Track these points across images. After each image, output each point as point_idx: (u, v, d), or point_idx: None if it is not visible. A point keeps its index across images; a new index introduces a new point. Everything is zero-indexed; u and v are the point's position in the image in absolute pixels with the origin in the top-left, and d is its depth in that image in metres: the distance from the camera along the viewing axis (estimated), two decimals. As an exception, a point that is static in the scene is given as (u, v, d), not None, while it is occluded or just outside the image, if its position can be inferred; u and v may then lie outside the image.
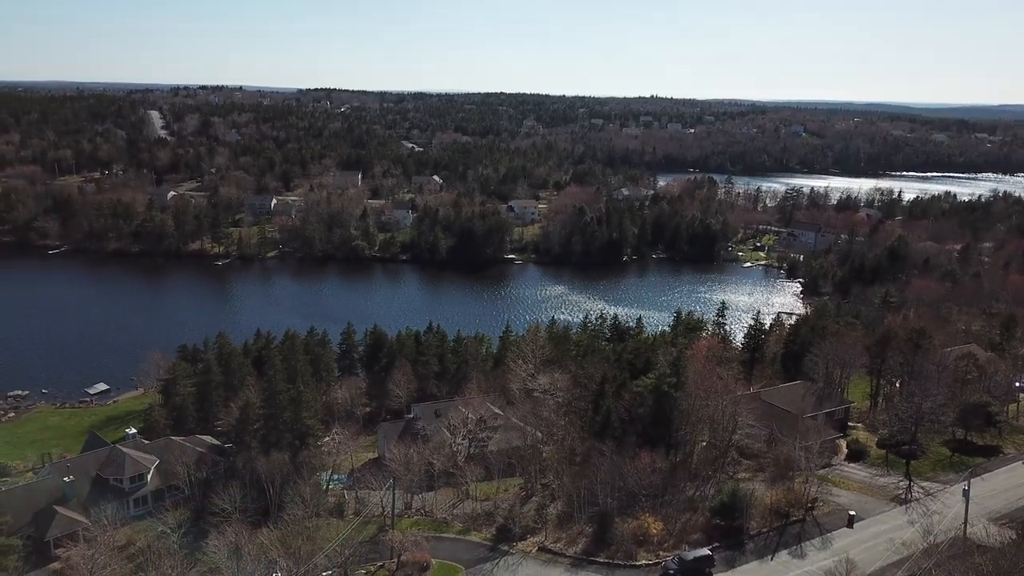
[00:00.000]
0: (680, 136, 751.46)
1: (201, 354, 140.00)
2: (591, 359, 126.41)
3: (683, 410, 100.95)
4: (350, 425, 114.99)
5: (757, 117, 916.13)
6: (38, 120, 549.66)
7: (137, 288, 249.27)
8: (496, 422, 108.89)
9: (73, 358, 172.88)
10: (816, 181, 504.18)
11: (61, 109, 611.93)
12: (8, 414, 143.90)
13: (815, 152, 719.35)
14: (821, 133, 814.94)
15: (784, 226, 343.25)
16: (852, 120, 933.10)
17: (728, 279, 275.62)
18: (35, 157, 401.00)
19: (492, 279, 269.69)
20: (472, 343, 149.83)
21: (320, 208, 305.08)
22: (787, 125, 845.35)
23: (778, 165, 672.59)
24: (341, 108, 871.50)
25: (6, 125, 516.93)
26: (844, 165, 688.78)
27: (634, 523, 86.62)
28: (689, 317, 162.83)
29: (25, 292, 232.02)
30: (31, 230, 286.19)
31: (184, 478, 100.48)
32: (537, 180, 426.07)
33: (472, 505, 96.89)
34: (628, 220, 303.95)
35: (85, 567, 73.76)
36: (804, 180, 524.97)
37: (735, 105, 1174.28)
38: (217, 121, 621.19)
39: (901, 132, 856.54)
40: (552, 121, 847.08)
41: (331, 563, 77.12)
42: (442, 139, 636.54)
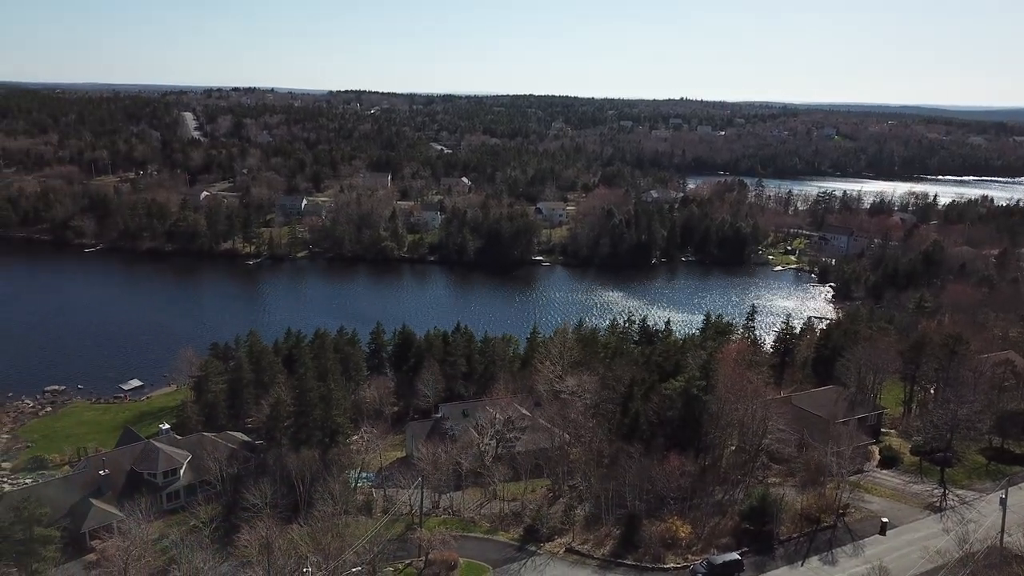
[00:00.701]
0: (710, 139, 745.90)
1: (233, 352, 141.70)
2: (619, 361, 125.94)
3: (712, 413, 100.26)
4: (379, 424, 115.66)
5: (789, 120, 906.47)
6: (75, 121, 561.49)
7: (170, 287, 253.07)
8: (523, 423, 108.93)
9: (108, 355, 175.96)
10: (849, 184, 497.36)
11: (98, 110, 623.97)
12: (45, 408, 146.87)
13: (848, 155, 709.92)
14: (854, 136, 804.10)
15: (816, 230, 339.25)
16: (886, 123, 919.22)
17: (758, 283, 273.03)
18: (72, 157, 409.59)
19: (519, 280, 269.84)
20: (499, 344, 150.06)
21: (350, 209, 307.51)
22: (819, 128, 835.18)
23: (810, 168, 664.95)
24: (371, 110, 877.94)
25: (45, 126, 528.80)
26: (878, 168, 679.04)
27: (662, 526, 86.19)
28: (719, 320, 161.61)
29: (62, 290, 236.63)
30: (68, 229, 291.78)
31: (216, 474, 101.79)
32: (565, 182, 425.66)
33: (499, 505, 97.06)
34: (657, 222, 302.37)
35: (119, 559, 75.01)
36: (836, 183, 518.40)
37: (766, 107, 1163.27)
38: (249, 122, 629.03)
39: (937, 135, 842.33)
40: (581, 123, 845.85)
41: (360, 560, 77.64)
42: (471, 141, 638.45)
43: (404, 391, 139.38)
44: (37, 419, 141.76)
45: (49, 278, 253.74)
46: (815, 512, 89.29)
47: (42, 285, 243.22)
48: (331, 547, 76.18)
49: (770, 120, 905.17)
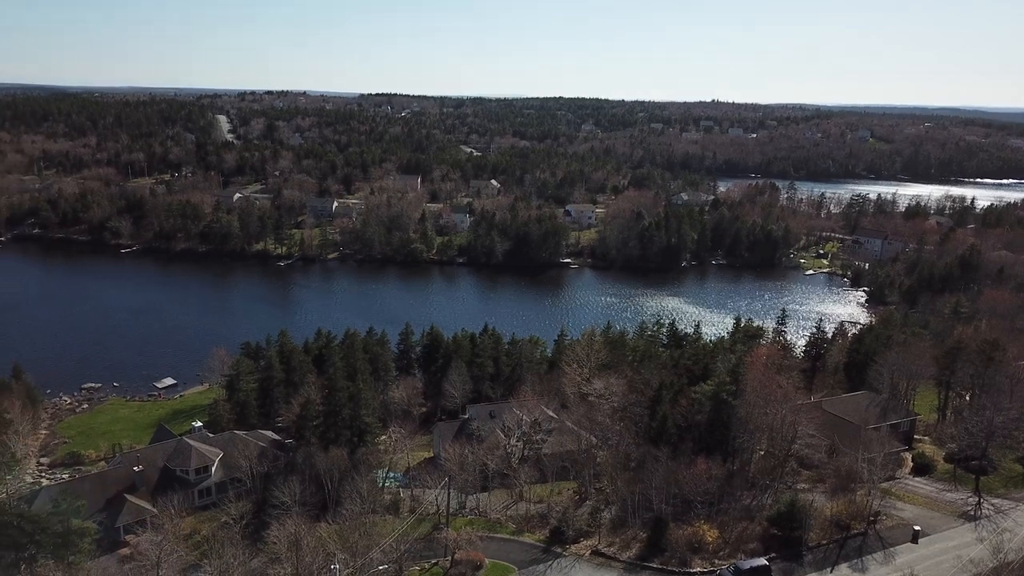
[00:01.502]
0: (741, 141, 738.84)
1: (264, 351, 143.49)
2: (648, 364, 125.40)
3: (741, 418, 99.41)
4: (407, 424, 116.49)
5: (822, 122, 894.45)
6: (113, 124, 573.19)
7: (203, 287, 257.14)
8: (550, 425, 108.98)
9: (143, 353, 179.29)
10: (883, 187, 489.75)
11: (135, 113, 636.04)
12: (82, 405, 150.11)
13: (883, 158, 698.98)
14: (889, 138, 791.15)
15: (849, 233, 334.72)
16: (922, 125, 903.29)
17: (789, 286, 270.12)
18: (110, 159, 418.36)
19: (548, 283, 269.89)
20: (527, 346, 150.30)
21: (380, 211, 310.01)
22: (853, 130, 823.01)
23: (843, 171, 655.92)
24: (402, 112, 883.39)
25: (84, 129, 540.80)
26: (913, 171, 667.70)
27: (689, 530, 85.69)
28: (748, 324, 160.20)
29: (99, 290, 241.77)
30: (105, 229, 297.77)
31: (246, 471, 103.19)
32: (595, 184, 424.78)
33: (526, 507, 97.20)
34: (687, 225, 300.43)
35: (152, 553, 76.40)
36: (871, 186, 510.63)
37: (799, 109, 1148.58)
38: (281, 125, 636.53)
39: (975, 137, 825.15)
40: (611, 125, 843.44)
41: (387, 558, 78.23)
42: (500, 143, 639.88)
43: (432, 392, 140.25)
44: (74, 416, 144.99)
45: (87, 278, 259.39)
46: (845, 519, 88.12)
47: (80, 285, 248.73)
48: (358, 545, 76.94)
49: (803, 122, 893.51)
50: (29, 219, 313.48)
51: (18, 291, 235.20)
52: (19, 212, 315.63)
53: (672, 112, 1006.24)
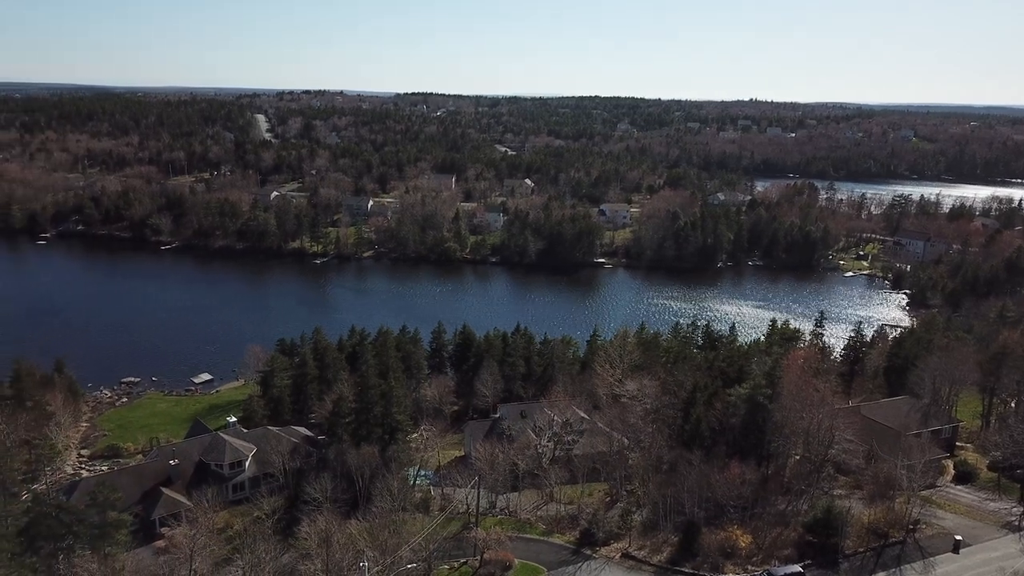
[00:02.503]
0: (780, 140, 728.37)
1: (298, 348, 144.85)
2: (681, 366, 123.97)
3: (777, 421, 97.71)
4: (438, 422, 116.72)
5: (863, 121, 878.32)
6: (155, 123, 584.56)
7: (240, 284, 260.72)
8: (582, 426, 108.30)
9: (180, 349, 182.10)
10: (926, 188, 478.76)
11: (176, 113, 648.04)
12: (121, 399, 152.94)
13: (926, 158, 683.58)
14: (933, 138, 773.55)
15: (890, 235, 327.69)
16: (968, 124, 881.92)
17: (828, 288, 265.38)
18: (151, 158, 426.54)
19: (581, 282, 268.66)
20: (559, 346, 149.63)
21: (415, 210, 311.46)
22: (896, 129, 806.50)
23: (885, 171, 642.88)
24: (437, 112, 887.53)
25: (127, 128, 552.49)
26: (958, 171, 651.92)
27: (722, 535, 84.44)
28: (785, 326, 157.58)
29: (140, 286, 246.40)
30: (146, 227, 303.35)
31: (279, 467, 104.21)
32: (630, 184, 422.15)
33: (556, 508, 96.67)
34: (723, 226, 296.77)
35: (186, 546, 77.40)
36: (913, 187, 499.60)
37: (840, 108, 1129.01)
38: (319, 124, 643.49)
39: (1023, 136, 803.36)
40: (647, 125, 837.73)
41: (416, 556, 78.31)
42: (535, 143, 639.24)
43: (463, 390, 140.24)
44: (114, 409, 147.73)
45: (128, 274, 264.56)
46: (883, 527, 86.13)
47: (121, 281, 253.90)
48: (388, 543, 77.12)
49: (844, 121, 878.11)
50: (73, 216, 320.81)
51: (62, 287, 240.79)
52: (64, 209, 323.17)
53: (709, 111, 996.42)
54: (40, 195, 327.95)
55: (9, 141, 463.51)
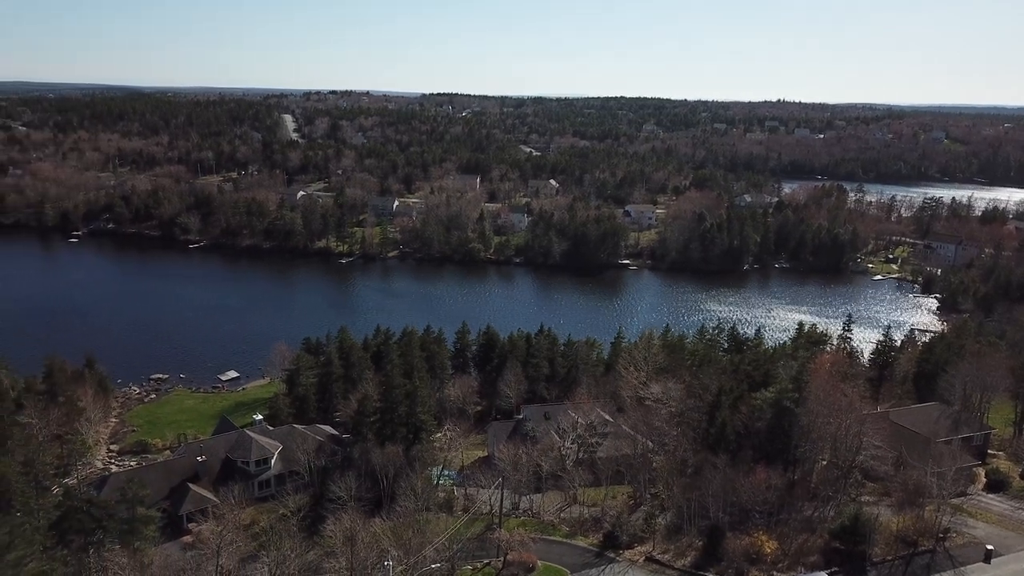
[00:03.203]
0: (808, 141, 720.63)
1: (324, 347, 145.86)
2: (707, 369, 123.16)
3: (803, 426, 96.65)
4: (461, 422, 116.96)
5: (894, 122, 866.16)
6: (184, 123, 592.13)
7: (267, 282, 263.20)
8: (606, 428, 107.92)
9: (208, 346, 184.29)
10: (958, 191, 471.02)
11: (205, 113, 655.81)
12: (150, 395, 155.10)
13: (958, 160, 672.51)
14: (965, 139, 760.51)
15: (920, 238, 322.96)
16: (1002, 125, 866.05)
17: (856, 292, 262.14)
18: (181, 157, 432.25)
19: (605, 284, 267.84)
20: (583, 347, 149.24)
21: (439, 210, 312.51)
22: (927, 130, 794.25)
23: (915, 173, 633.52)
24: (462, 112, 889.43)
25: (157, 128, 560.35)
26: (991, 174, 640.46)
27: (747, 540, 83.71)
28: (812, 330, 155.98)
29: (168, 283, 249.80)
30: (175, 225, 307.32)
31: (304, 465, 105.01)
32: (655, 185, 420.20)
33: (579, 510, 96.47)
34: (750, 227, 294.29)
35: (213, 542, 78.33)
36: (945, 190, 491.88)
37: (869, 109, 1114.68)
38: (345, 124, 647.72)
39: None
40: (672, 125, 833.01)
41: (439, 556, 78.48)
42: (560, 143, 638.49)
43: (487, 391, 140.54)
44: (142, 405, 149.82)
45: (157, 272, 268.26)
46: (912, 535, 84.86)
47: (150, 279, 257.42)
48: (412, 542, 77.39)
49: (873, 123, 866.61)
50: (104, 215, 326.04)
51: (92, 284, 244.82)
52: (95, 208, 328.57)
53: (736, 112, 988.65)
54: (72, 194, 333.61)
55: (43, 140, 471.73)
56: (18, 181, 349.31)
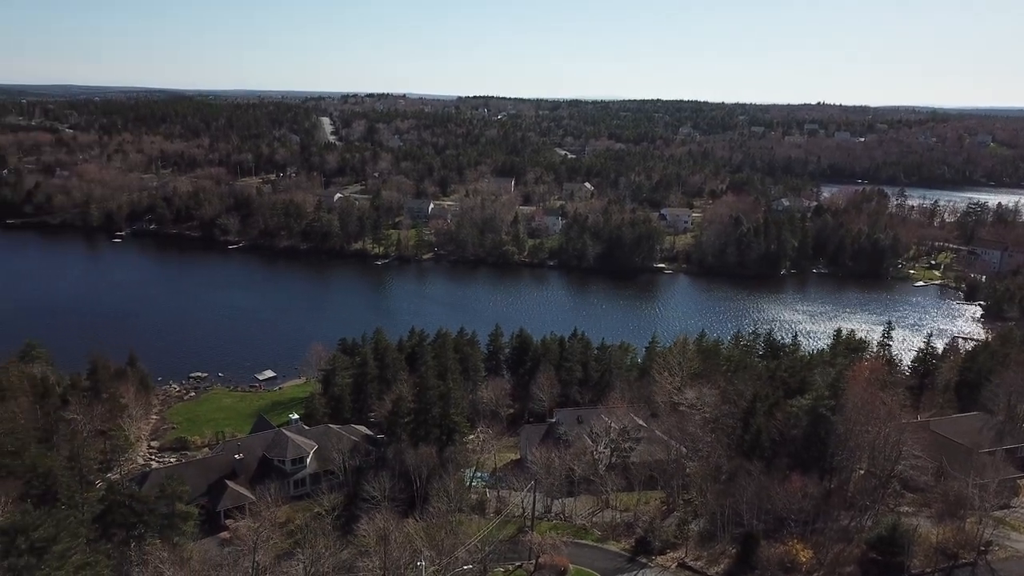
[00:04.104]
0: (848, 145, 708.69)
1: (359, 348, 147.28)
2: (742, 375, 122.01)
3: (840, 434, 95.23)
4: (494, 425, 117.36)
5: (937, 125, 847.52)
6: (225, 126, 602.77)
7: (304, 283, 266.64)
8: (639, 433, 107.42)
9: (246, 345, 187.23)
10: (1005, 196, 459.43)
11: (245, 116, 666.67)
12: (189, 393, 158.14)
13: (1004, 164, 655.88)
14: (1013, 143, 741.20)
15: (964, 244, 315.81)
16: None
17: (896, 298, 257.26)
18: (221, 159, 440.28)
19: (640, 288, 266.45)
20: (617, 352, 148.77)
21: (474, 213, 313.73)
22: (972, 134, 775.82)
23: (960, 177, 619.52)
24: (498, 115, 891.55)
25: (198, 130, 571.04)
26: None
27: (781, 548, 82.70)
28: (851, 336, 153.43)
29: (207, 283, 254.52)
30: (215, 226, 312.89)
31: (339, 464, 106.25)
32: (691, 188, 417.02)
33: (611, 514, 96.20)
34: (788, 232, 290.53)
35: (250, 539, 79.62)
36: (990, 194, 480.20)
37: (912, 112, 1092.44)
38: (382, 127, 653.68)
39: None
40: (709, 128, 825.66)
41: (471, 558, 78.87)
42: (595, 146, 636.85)
43: (520, 394, 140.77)
44: (182, 403, 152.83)
45: (196, 273, 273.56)
46: (952, 547, 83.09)
47: (190, 279, 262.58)
48: (444, 543, 77.93)
49: (916, 126, 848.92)
50: (147, 215, 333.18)
51: (134, 284, 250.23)
52: (138, 208, 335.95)
53: (774, 115, 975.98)
54: (116, 195, 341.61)
55: (89, 142, 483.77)
56: (65, 182, 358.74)
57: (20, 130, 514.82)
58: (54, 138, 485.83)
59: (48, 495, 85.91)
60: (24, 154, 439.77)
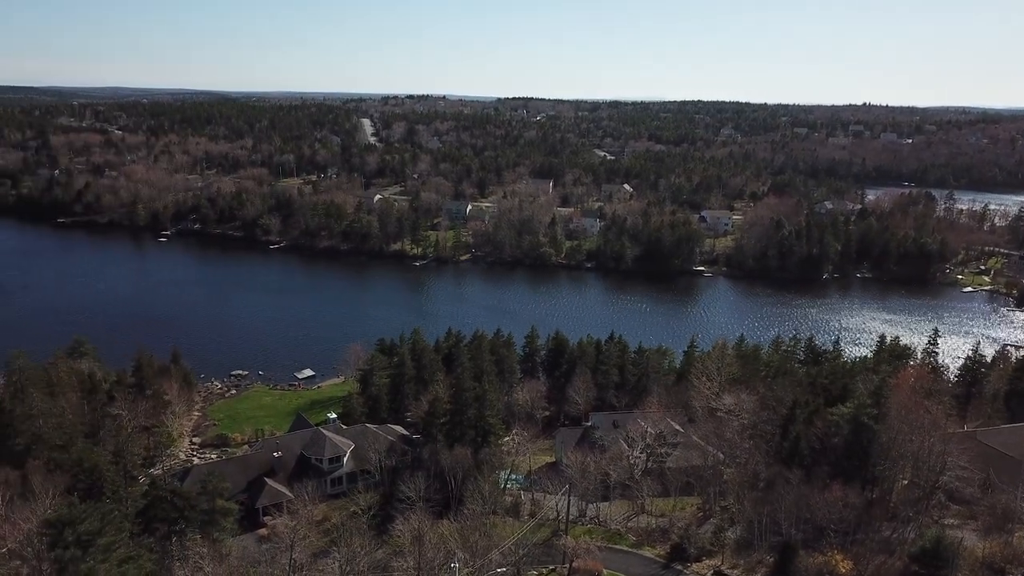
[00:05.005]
0: (895, 147, 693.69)
1: (397, 348, 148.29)
2: (781, 381, 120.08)
3: (883, 444, 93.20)
4: (529, 427, 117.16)
5: (989, 126, 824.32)
6: (267, 127, 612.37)
7: (343, 283, 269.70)
8: (676, 439, 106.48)
9: (286, 344, 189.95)
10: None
11: (287, 117, 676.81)
12: (230, 391, 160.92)
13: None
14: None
15: (1016, 248, 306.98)
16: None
17: (943, 304, 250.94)
18: (263, 160, 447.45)
19: (678, 291, 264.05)
20: (654, 356, 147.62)
21: (512, 215, 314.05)
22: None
23: (1013, 180, 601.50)
24: (537, 117, 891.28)
25: (241, 132, 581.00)
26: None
27: (820, 559, 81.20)
28: (895, 343, 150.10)
29: (249, 282, 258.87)
30: (257, 226, 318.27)
31: (375, 464, 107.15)
32: (732, 190, 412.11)
33: (647, 520, 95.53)
34: (830, 235, 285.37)
35: (287, 536, 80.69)
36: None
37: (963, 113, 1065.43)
38: (421, 129, 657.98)
39: None
40: (751, 130, 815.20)
41: (505, 560, 78.96)
42: (635, 147, 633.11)
43: (555, 396, 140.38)
44: (223, 400, 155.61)
45: (239, 272, 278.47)
46: (999, 562, 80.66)
47: (233, 278, 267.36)
48: (478, 545, 78.03)
49: (967, 127, 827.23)
50: (191, 215, 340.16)
51: (179, 282, 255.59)
52: (183, 208, 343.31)
53: (818, 116, 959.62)
54: (162, 195, 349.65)
55: (137, 144, 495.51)
56: (113, 182, 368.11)
57: (72, 131, 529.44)
58: (104, 139, 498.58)
59: (94, 489, 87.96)
60: (75, 155, 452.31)
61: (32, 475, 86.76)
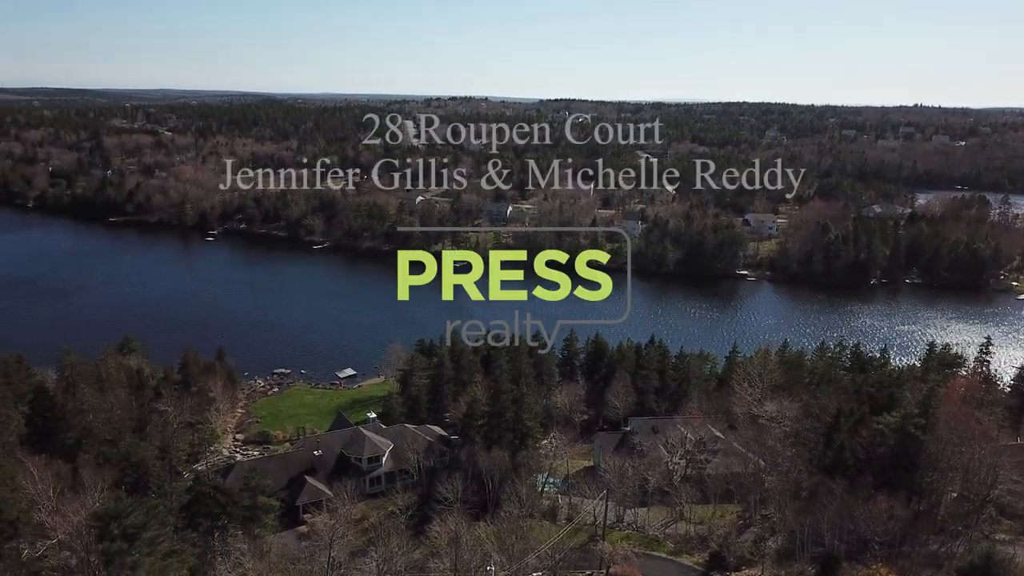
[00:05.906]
0: (947, 149, 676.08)
1: (436, 349, 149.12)
2: (826, 389, 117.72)
3: (931, 455, 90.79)
4: (567, 431, 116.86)
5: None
6: (312, 128, 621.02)
7: (385, 284, 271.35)
8: (716, 445, 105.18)
9: (327, 344, 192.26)
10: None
11: (331, 119, 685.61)
12: (273, 389, 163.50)
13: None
14: None
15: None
16: None
17: (997, 312, 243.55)
18: (308, 161, 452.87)
19: (721, 295, 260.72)
20: (695, 360, 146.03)
21: (552, 217, 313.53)
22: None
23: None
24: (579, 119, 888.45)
25: (287, 133, 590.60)
26: None
27: (864, 572, 79.61)
28: (945, 351, 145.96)
29: (293, 282, 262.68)
30: (301, 227, 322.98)
31: (414, 464, 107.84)
32: (777, 193, 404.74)
33: (685, 527, 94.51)
34: (879, 240, 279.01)
35: (327, 534, 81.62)
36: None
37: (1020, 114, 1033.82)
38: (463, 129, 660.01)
39: None
40: (798, 132, 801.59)
41: (542, 564, 78.77)
42: (678, 149, 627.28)
43: (594, 400, 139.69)
44: (266, 398, 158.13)
45: (285, 271, 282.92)
46: (1054, 580, 77.95)
47: (280, 277, 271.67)
48: (515, 548, 77.95)
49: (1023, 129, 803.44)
50: (237, 215, 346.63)
51: (225, 281, 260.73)
52: (230, 209, 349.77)
53: (867, 117, 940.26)
54: (210, 195, 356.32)
55: (186, 144, 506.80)
56: (163, 183, 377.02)
57: (124, 133, 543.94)
58: (154, 140, 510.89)
59: (140, 483, 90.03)
60: (127, 156, 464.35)
61: (82, 468, 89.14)
